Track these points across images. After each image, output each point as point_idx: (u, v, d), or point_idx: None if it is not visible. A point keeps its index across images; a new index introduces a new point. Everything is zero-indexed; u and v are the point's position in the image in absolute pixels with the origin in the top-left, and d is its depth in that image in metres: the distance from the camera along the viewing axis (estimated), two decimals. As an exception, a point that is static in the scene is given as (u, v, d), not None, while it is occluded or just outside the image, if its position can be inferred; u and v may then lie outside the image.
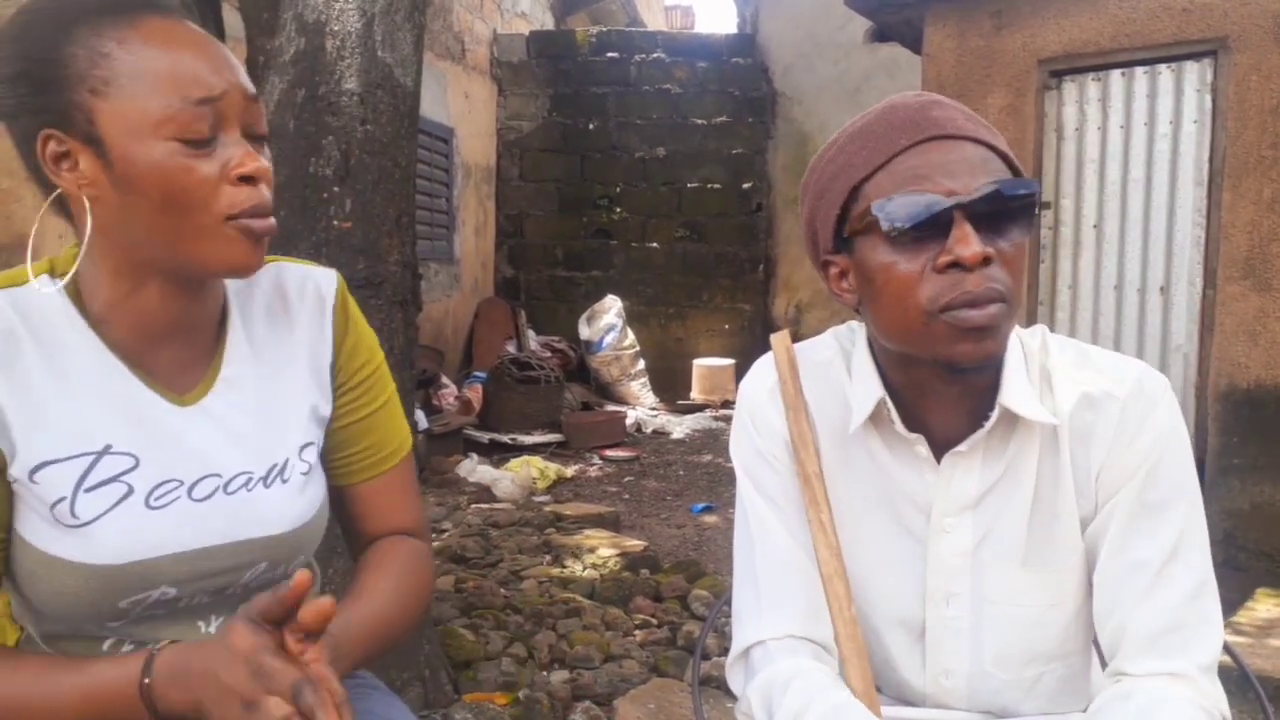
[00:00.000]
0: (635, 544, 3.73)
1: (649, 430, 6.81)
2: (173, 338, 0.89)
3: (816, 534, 0.97)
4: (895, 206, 0.85)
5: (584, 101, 8.23)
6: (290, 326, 0.98)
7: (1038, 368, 0.95)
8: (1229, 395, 3.50)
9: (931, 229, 0.84)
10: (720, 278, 8.19)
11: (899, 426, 0.95)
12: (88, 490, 0.83)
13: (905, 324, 0.87)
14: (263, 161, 0.83)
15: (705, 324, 8.25)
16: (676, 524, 4.42)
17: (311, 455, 0.97)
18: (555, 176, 8.32)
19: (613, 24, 9.91)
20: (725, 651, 2.57)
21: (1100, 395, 0.92)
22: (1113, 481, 0.91)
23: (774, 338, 1.04)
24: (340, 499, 1.04)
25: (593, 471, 5.59)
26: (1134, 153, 3.73)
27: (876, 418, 0.97)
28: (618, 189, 8.24)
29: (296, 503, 0.94)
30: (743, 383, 1.06)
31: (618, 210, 8.25)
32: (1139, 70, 3.68)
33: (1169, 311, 3.69)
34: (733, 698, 2.46)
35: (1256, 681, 1.14)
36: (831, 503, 0.98)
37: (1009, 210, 0.85)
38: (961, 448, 0.93)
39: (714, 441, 6.47)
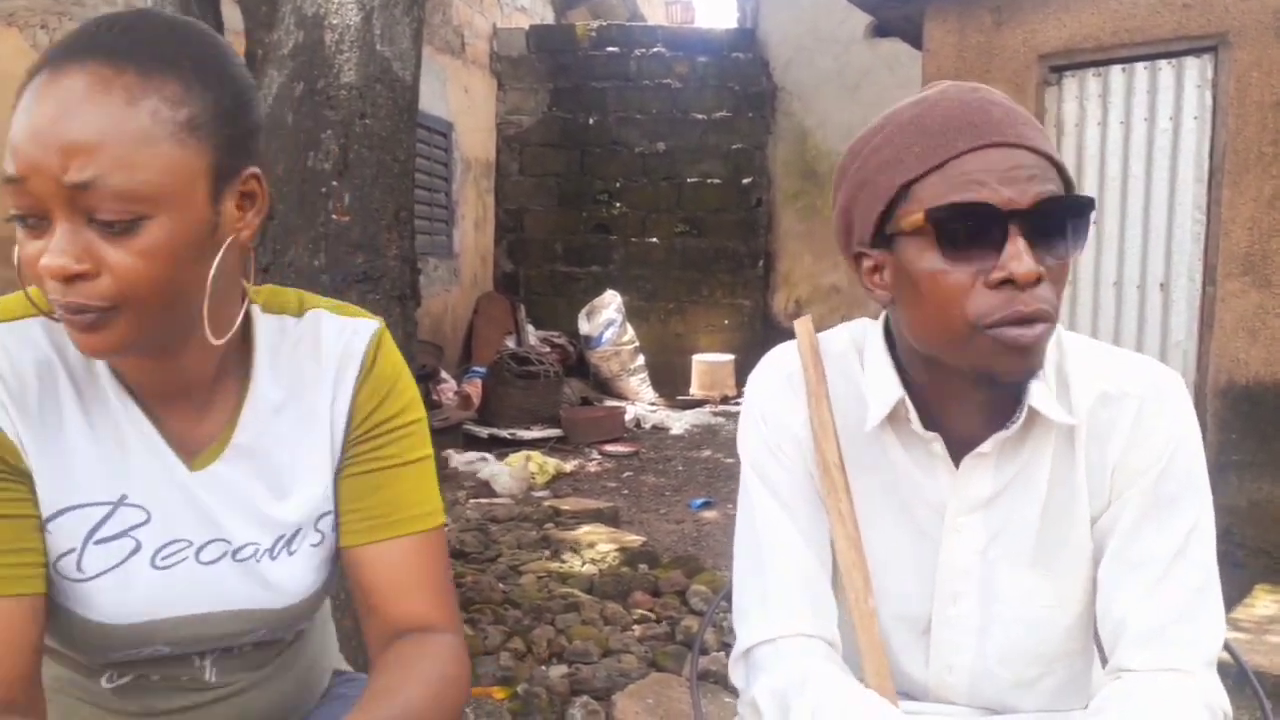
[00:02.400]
0: (634, 539, 3.73)
1: (648, 426, 6.81)
2: (173, 397, 0.84)
3: (835, 524, 0.96)
4: (950, 213, 0.82)
5: (584, 96, 8.22)
6: (318, 387, 0.89)
7: (1054, 367, 0.94)
8: (1228, 392, 3.50)
9: (984, 239, 0.82)
10: (720, 273, 8.18)
11: (916, 426, 0.94)
12: (98, 543, 0.80)
13: (947, 334, 0.85)
14: (57, 260, 0.70)
15: (705, 319, 8.25)
16: (675, 519, 4.43)
17: (328, 525, 0.90)
18: (555, 171, 8.31)
19: (612, 18, 9.88)
20: (724, 647, 2.58)
21: (1116, 393, 0.92)
22: (1126, 477, 0.91)
23: (798, 323, 1.01)
24: (347, 569, 0.91)
25: (592, 467, 5.59)
26: (1134, 149, 3.72)
27: (892, 416, 0.95)
28: (617, 184, 8.23)
29: (304, 576, 0.88)
30: (751, 376, 1.05)
31: (617, 205, 8.25)
32: (1139, 66, 3.67)
33: (1168, 308, 3.69)
34: (731, 692, 2.45)
35: (1254, 677, 1.14)
36: None
37: (1062, 224, 0.83)
38: (984, 448, 0.92)
39: (713, 437, 6.47)
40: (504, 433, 6.15)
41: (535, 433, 6.20)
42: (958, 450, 0.94)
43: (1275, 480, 3.43)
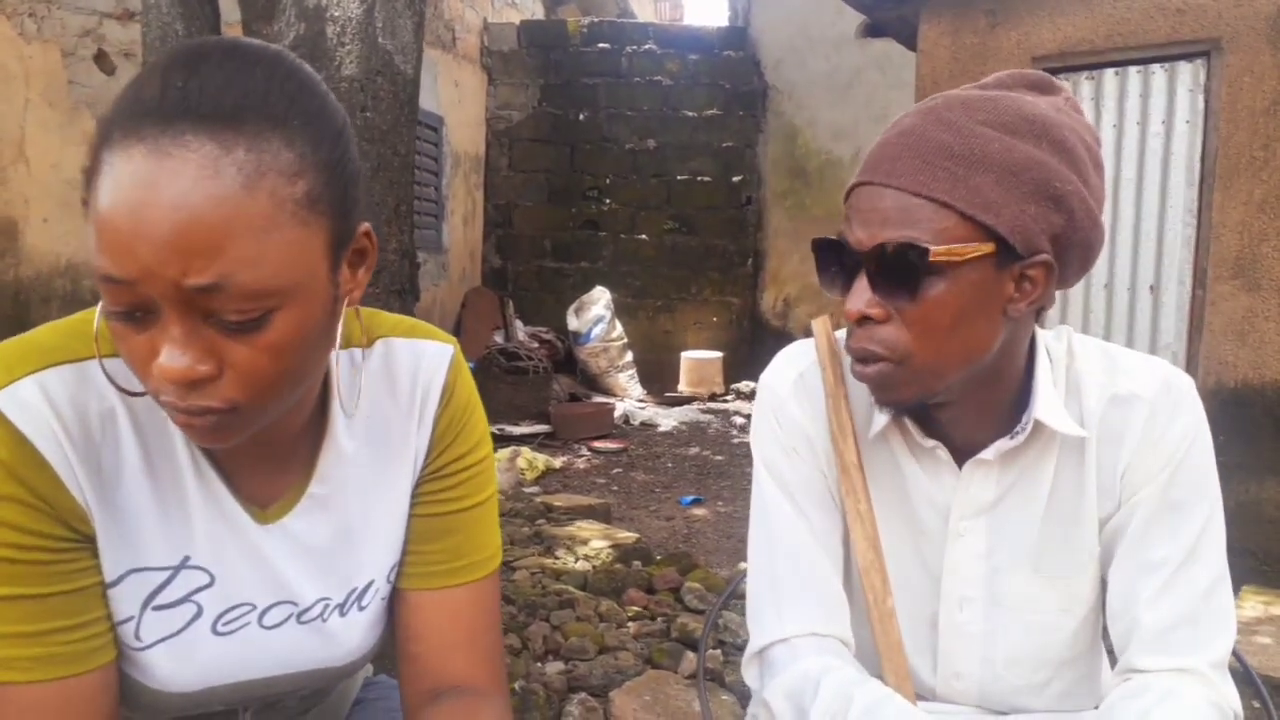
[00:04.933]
0: (627, 536, 3.73)
1: (637, 422, 6.81)
2: (252, 452, 0.78)
3: (854, 525, 0.96)
4: (816, 246, 0.89)
5: (574, 92, 8.20)
6: (398, 425, 0.84)
7: (1064, 372, 0.94)
8: (1216, 394, 3.53)
9: (847, 274, 0.86)
10: (709, 271, 8.19)
11: (917, 436, 0.95)
12: (156, 609, 0.75)
13: None
14: (178, 363, 0.62)
15: (693, 316, 8.26)
16: (666, 516, 4.43)
17: (395, 575, 0.86)
18: (544, 167, 8.29)
19: (603, 14, 9.87)
20: (720, 644, 2.58)
21: (1127, 396, 0.92)
22: (1137, 480, 0.92)
23: (815, 323, 1.02)
24: (396, 606, 0.87)
25: (581, 463, 5.59)
26: (1126, 152, 3.75)
27: (898, 420, 0.96)
28: (607, 180, 8.22)
29: (370, 630, 0.85)
30: (764, 375, 1.05)
31: (607, 202, 8.24)
32: (1132, 70, 3.70)
33: (1158, 310, 3.72)
34: (728, 690, 2.45)
35: (1258, 678, 1.15)
36: None
37: (906, 269, 0.82)
38: (986, 455, 0.93)
39: (701, 434, 6.48)
40: (492, 428, 6.12)
41: (524, 428, 6.19)
42: (963, 455, 0.94)
43: (1262, 482, 3.47)
